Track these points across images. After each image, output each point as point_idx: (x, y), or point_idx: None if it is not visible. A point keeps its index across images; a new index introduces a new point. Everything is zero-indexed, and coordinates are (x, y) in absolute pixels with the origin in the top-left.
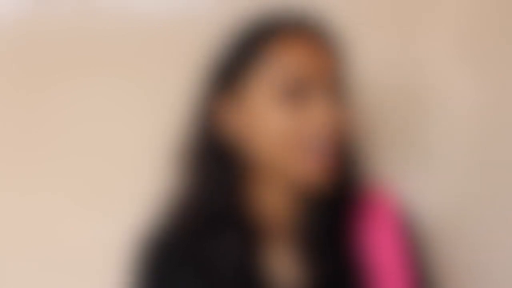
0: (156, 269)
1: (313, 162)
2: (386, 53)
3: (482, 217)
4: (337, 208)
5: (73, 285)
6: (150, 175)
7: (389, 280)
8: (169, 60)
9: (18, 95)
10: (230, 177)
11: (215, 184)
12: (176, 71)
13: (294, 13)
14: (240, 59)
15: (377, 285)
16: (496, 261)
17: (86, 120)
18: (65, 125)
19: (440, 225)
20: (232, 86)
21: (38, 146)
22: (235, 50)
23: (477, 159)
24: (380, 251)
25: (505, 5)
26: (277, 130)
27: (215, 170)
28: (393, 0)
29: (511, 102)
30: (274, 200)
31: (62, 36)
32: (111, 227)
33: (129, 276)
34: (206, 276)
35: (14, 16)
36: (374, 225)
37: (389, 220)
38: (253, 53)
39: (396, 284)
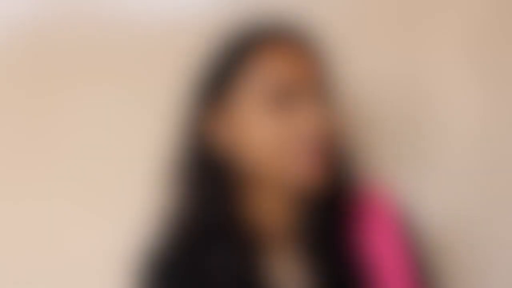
0: (156, 285)
1: (305, 164)
2: (391, 59)
3: (483, 219)
4: (334, 210)
5: None
6: (150, 185)
7: (390, 281)
8: (182, 65)
9: (25, 100)
10: (224, 190)
11: (210, 198)
12: (171, 83)
13: (276, 22)
14: (225, 71)
15: (379, 284)
16: (496, 262)
17: (90, 126)
18: (71, 131)
19: (439, 227)
20: (219, 99)
21: (43, 152)
22: (220, 63)
23: (478, 161)
24: (379, 251)
25: (509, 12)
26: (268, 136)
27: (209, 184)
28: (399, 5)
29: None
30: (270, 208)
31: (68, 45)
32: (113, 234)
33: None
34: None
35: (20, 24)
36: (373, 226)
37: (387, 221)
38: (237, 64)
39: (396, 284)
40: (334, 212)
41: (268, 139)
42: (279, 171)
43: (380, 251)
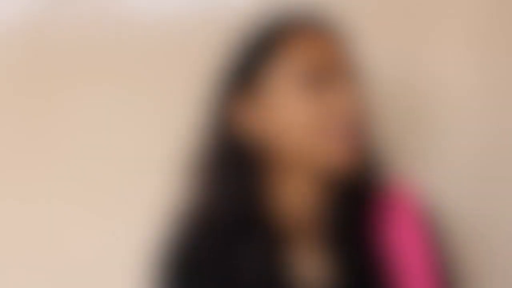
0: (179, 279)
1: (336, 143)
2: (401, 53)
3: (501, 212)
4: (361, 202)
5: None
6: (165, 180)
7: (413, 274)
8: (181, 64)
9: (24, 101)
10: (252, 180)
11: (238, 188)
12: (187, 76)
13: (304, 10)
14: (255, 57)
15: (402, 279)
16: None
17: (91, 126)
18: (71, 130)
19: (458, 219)
20: (249, 85)
21: (43, 152)
22: (249, 50)
23: (488, 157)
24: (403, 245)
25: None
26: (298, 118)
27: (237, 173)
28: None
29: None
30: (298, 198)
31: (68, 44)
32: (113, 234)
33: (147, 285)
34: (232, 283)
35: (20, 24)
36: (397, 220)
37: (411, 214)
38: (268, 50)
39: (421, 278)
40: (361, 204)
41: (299, 121)
42: (310, 152)
43: (404, 244)
